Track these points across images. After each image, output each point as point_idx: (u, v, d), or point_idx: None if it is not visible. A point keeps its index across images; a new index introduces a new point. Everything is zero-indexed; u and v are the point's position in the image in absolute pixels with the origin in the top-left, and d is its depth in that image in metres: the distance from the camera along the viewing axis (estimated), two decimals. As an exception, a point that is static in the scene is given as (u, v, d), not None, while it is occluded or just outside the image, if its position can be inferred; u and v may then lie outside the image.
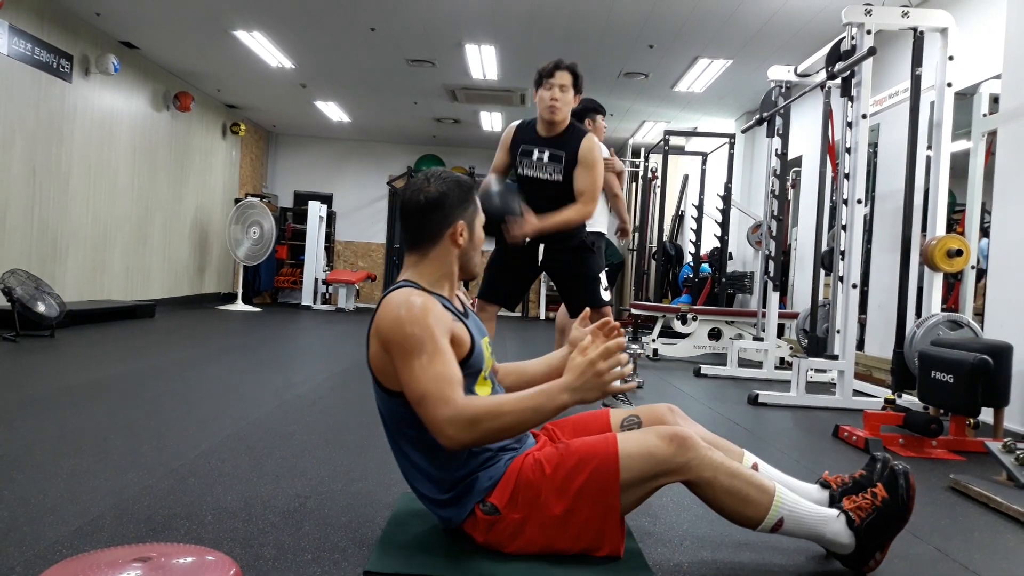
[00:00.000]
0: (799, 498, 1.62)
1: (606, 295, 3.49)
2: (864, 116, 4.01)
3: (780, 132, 5.55)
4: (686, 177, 9.91)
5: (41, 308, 5.20)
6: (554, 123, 3.23)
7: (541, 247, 3.38)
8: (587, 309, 1.94)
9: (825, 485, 1.79)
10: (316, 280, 10.65)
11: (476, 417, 1.45)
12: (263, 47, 7.15)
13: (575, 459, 1.55)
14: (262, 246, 9.49)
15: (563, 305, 3.73)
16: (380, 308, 1.60)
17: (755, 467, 1.76)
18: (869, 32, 3.97)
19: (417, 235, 1.68)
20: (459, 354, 1.58)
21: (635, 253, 9.75)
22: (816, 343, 5.00)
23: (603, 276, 3.50)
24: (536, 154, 3.25)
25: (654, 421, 1.76)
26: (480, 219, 1.73)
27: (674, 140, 8.50)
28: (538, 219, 3.04)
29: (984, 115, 4.30)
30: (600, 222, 4.67)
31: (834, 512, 1.61)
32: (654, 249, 9.01)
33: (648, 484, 1.56)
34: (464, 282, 1.87)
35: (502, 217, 2.89)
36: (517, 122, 3.40)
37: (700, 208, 8.28)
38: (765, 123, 5.63)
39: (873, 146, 5.69)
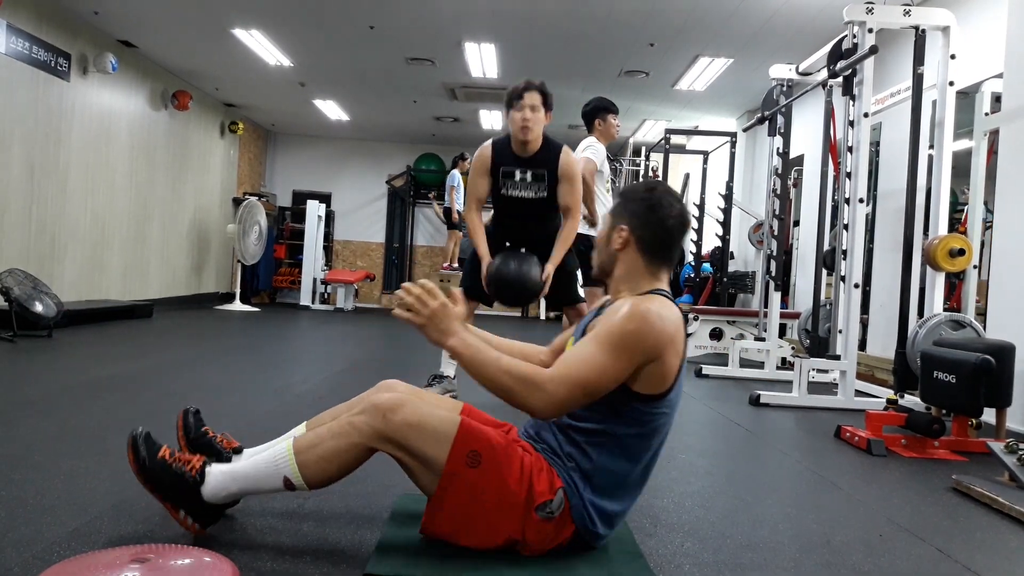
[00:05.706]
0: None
1: (581, 292, 3.70)
2: (866, 115, 4.01)
3: (782, 131, 5.54)
4: (687, 176, 9.89)
5: (39, 308, 5.19)
6: (527, 143, 3.33)
7: (522, 250, 3.46)
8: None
9: None
10: (315, 280, 10.63)
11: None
12: (262, 46, 7.13)
13: None
14: (261, 244, 9.48)
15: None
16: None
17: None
18: (871, 30, 3.96)
19: None
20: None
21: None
22: (818, 343, 5.00)
23: (579, 274, 3.69)
24: (519, 175, 3.37)
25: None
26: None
27: (675, 139, 8.48)
28: (551, 261, 3.39)
29: (986, 114, 4.30)
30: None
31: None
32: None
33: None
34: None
35: (537, 286, 3.34)
36: (488, 144, 3.47)
37: (701, 207, 8.26)
38: (766, 122, 5.62)
39: (875, 145, 5.68)
